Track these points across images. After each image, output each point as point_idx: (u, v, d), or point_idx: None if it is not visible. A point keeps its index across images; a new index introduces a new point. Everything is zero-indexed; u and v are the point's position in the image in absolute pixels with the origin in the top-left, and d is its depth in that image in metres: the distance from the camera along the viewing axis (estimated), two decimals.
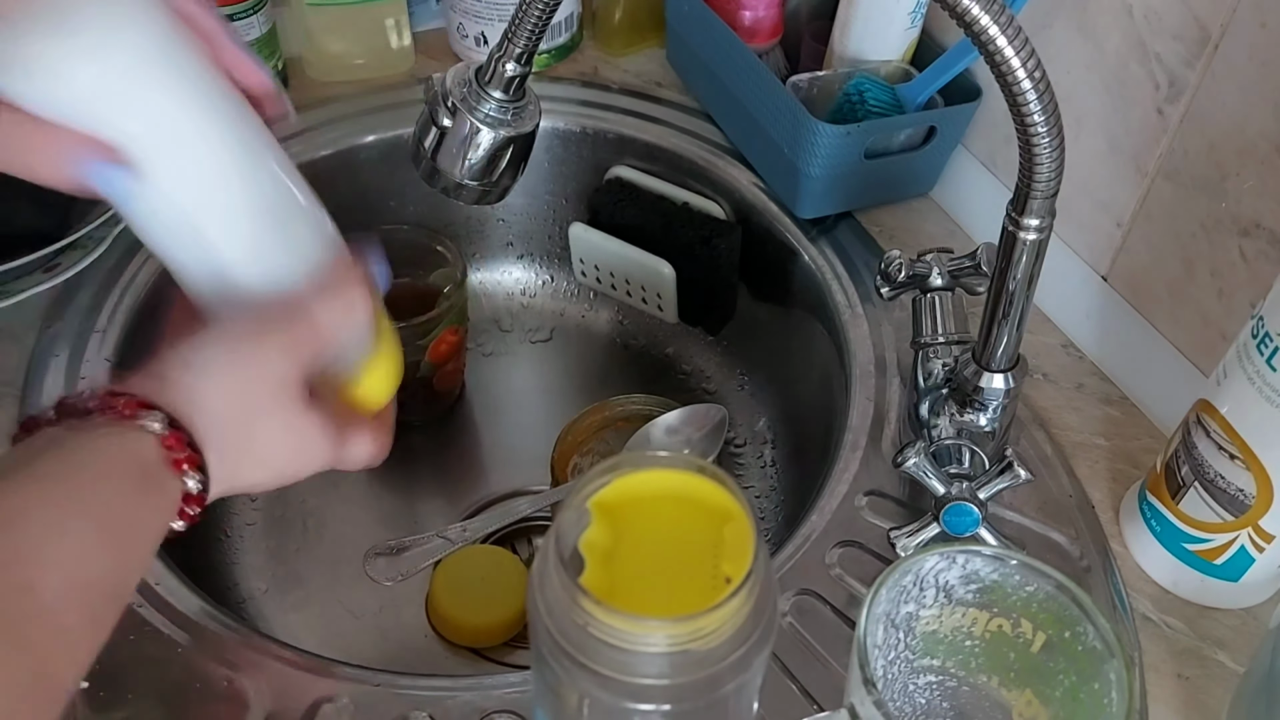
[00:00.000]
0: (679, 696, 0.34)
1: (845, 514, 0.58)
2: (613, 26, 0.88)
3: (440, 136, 0.55)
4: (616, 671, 0.34)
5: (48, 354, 0.64)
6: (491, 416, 0.83)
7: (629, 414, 0.75)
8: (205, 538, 0.71)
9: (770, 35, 0.79)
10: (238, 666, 0.51)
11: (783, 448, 0.77)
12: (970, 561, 0.40)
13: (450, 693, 0.50)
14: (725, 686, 0.34)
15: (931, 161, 0.75)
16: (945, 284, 0.62)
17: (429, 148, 0.56)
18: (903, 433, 0.62)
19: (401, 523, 0.75)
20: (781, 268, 0.75)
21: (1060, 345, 0.68)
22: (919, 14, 0.72)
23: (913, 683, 0.43)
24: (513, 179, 0.58)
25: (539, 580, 0.35)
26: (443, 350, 0.75)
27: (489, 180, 0.57)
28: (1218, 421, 0.51)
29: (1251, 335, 0.48)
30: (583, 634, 0.33)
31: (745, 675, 0.35)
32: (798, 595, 0.55)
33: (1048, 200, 0.48)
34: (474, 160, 0.55)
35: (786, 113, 0.70)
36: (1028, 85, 0.43)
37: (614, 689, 0.34)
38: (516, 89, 0.55)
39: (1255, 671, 0.47)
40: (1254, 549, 0.52)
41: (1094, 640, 0.38)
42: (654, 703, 0.34)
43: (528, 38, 0.52)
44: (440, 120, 0.55)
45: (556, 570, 0.34)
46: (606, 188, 0.81)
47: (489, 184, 0.57)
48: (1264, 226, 0.55)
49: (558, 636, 0.34)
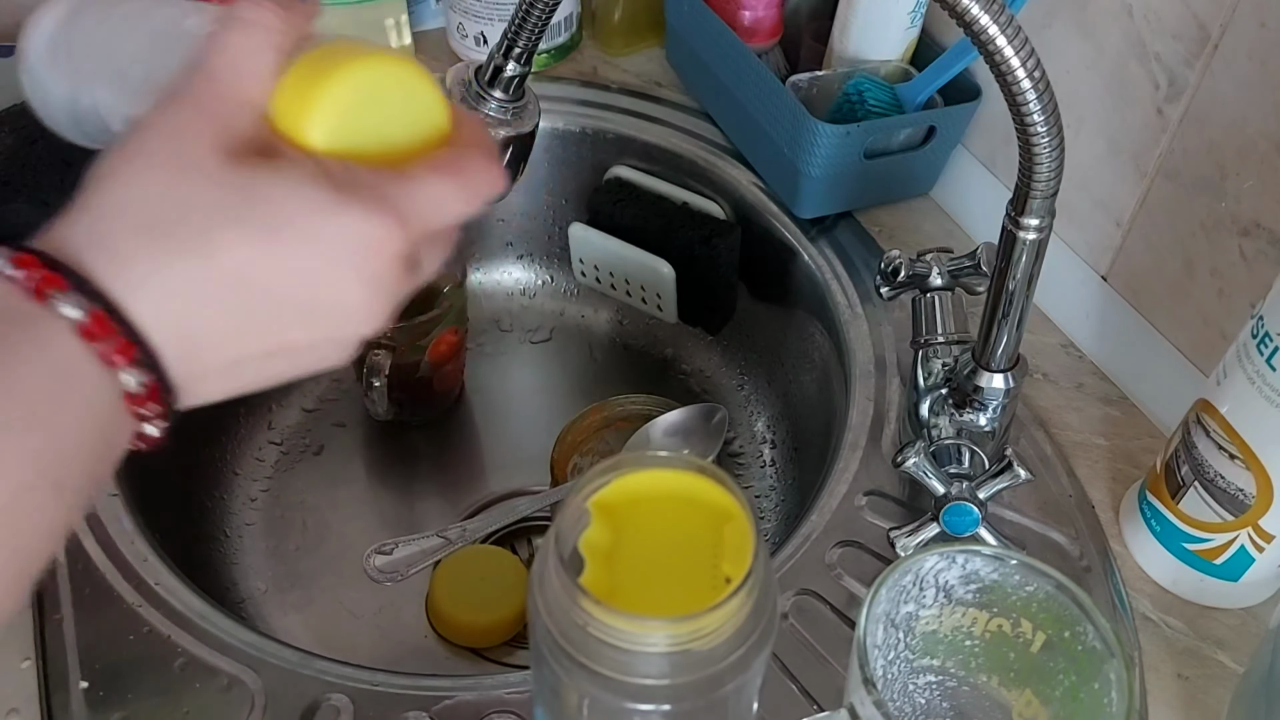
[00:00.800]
0: (679, 696, 0.34)
1: (845, 514, 0.58)
2: (612, 26, 0.88)
3: None
4: (617, 672, 0.34)
5: None
6: (491, 416, 0.83)
7: (629, 414, 0.75)
8: (205, 538, 0.71)
9: (770, 35, 0.79)
10: (237, 666, 0.51)
11: (783, 448, 0.77)
12: (970, 561, 0.40)
13: (450, 693, 0.50)
14: (725, 687, 0.34)
15: (931, 161, 0.75)
16: (945, 284, 0.62)
17: None
18: (902, 432, 0.62)
19: (401, 523, 0.75)
20: (781, 268, 0.75)
21: (1060, 345, 0.68)
22: (918, 14, 0.72)
23: (912, 682, 0.43)
24: (512, 179, 0.58)
25: (539, 580, 0.35)
26: (442, 350, 0.75)
27: None
28: (1218, 421, 0.51)
29: (1251, 335, 0.48)
30: (583, 634, 0.33)
31: (745, 675, 0.35)
32: (798, 595, 0.55)
33: (1047, 200, 0.48)
34: None
35: (786, 112, 0.70)
36: (1027, 85, 0.43)
37: (614, 689, 0.34)
38: (516, 89, 0.55)
39: (1255, 671, 0.47)
40: (1254, 549, 0.52)
41: (1094, 640, 0.38)
42: (654, 703, 0.34)
43: (528, 37, 0.52)
44: None
45: (556, 571, 0.34)
46: (606, 188, 0.81)
47: None
48: (1264, 226, 0.55)
49: (558, 636, 0.34)
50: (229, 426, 0.77)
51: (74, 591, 0.53)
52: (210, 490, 0.73)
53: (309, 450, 0.78)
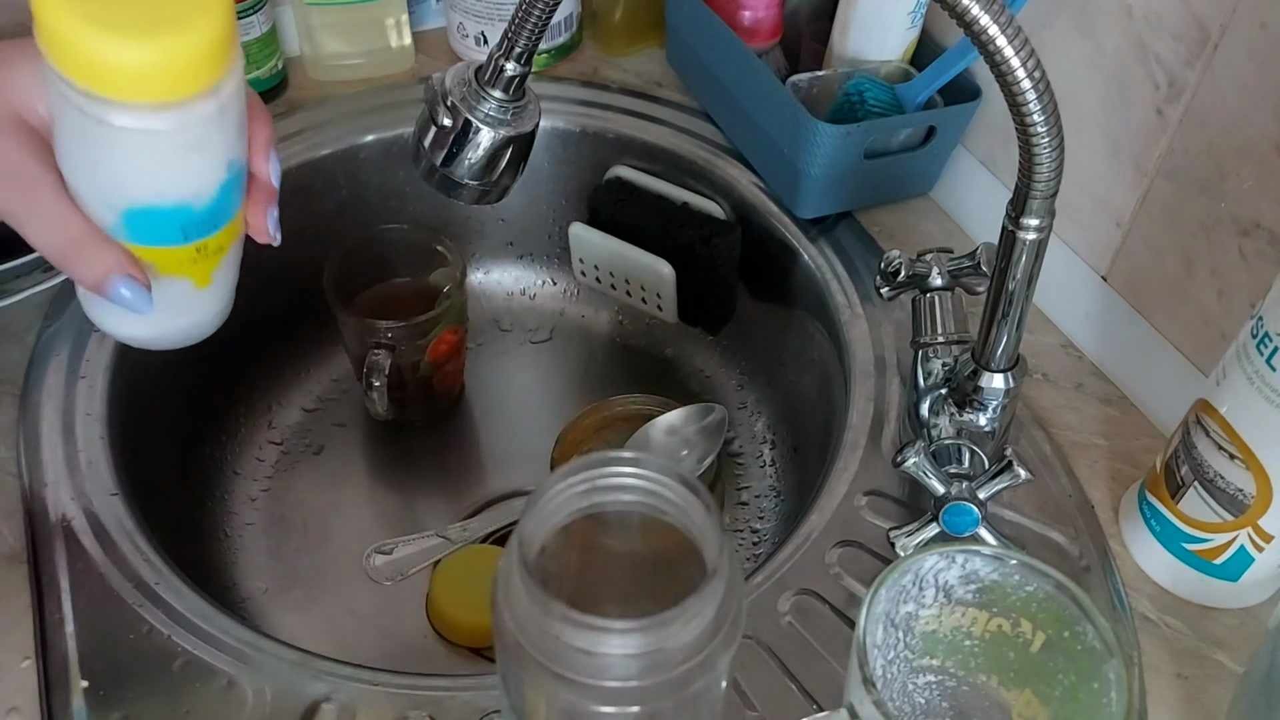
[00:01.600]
0: (646, 698, 0.34)
1: (845, 514, 0.58)
2: (612, 26, 0.88)
3: (440, 136, 0.55)
4: (581, 675, 0.33)
5: (48, 352, 0.64)
6: (491, 416, 0.83)
7: (629, 414, 0.75)
8: (205, 537, 0.71)
9: (770, 35, 0.79)
10: (238, 666, 0.51)
11: (782, 448, 0.77)
12: (970, 561, 0.40)
13: (450, 693, 0.50)
14: (693, 686, 0.34)
15: (931, 161, 0.75)
16: (945, 284, 0.62)
17: (429, 147, 0.56)
18: (902, 432, 0.62)
19: (401, 523, 0.75)
20: (781, 268, 0.75)
21: (1060, 345, 0.68)
22: (918, 14, 0.72)
23: (912, 682, 0.43)
24: (513, 179, 0.58)
25: (503, 586, 0.35)
26: (442, 350, 0.75)
27: (489, 180, 0.57)
28: (1217, 421, 0.51)
29: (1251, 335, 0.48)
30: (550, 639, 0.33)
31: (712, 675, 0.35)
32: (797, 595, 0.55)
33: (1047, 200, 0.48)
34: (474, 160, 0.55)
35: (786, 113, 0.70)
36: (1027, 85, 0.43)
37: (580, 692, 0.34)
38: (516, 88, 0.55)
39: (1255, 671, 0.47)
40: (1253, 549, 0.52)
41: (1093, 640, 0.38)
42: (621, 705, 0.34)
43: (528, 37, 0.52)
44: (440, 120, 0.55)
45: (521, 578, 0.33)
46: (606, 187, 0.81)
47: (489, 183, 0.57)
48: (1263, 226, 0.55)
49: (523, 642, 0.34)
50: (229, 426, 0.77)
51: (74, 591, 0.53)
52: (210, 490, 0.73)
53: (309, 450, 0.78)
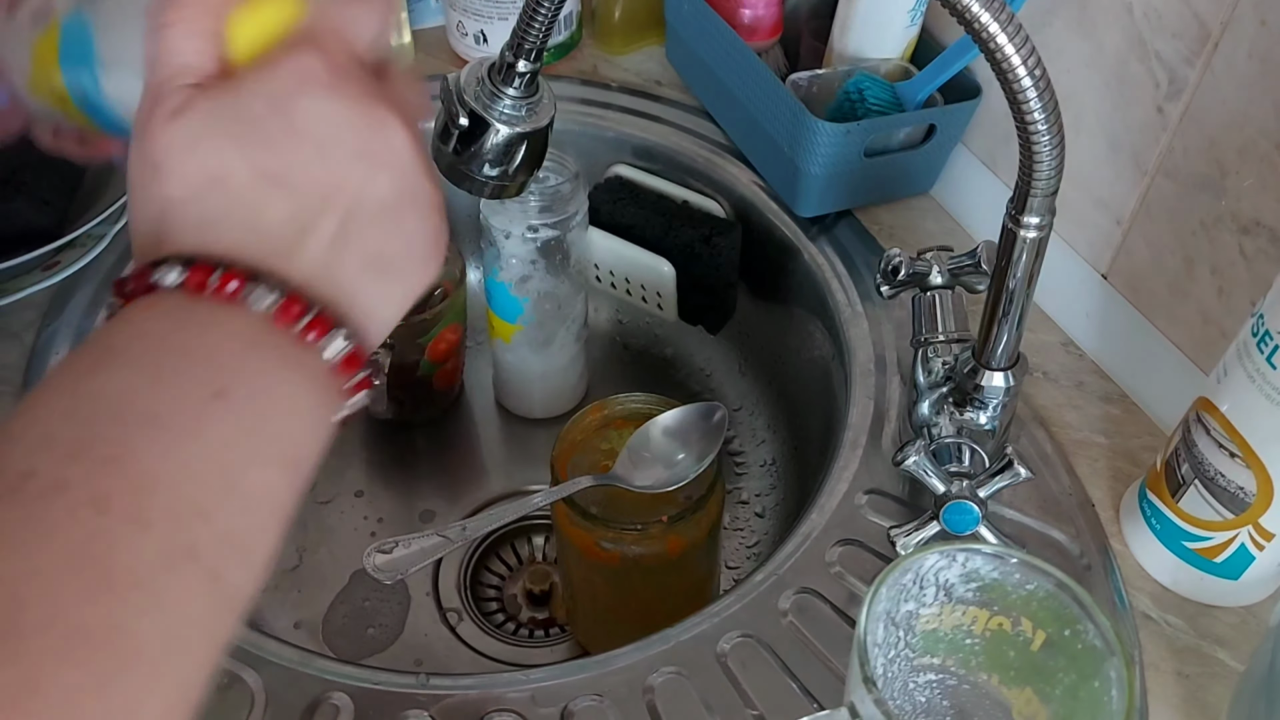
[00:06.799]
0: None
1: (845, 512, 0.58)
2: (612, 25, 0.88)
3: (456, 133, 0.56)
4: None
5: (47, 352, 0.64)
6: (491, 416, 0.83)
7: (629, 413, 0.75)
8: None
9: (770, 33, 0.79)
10: (238, 666, 0.51)
11: (783, 447, 0.77)
12: (970, 560, 0.40)
13: (450, 692, 0.50)
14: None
15: (931, 160, 0.75)
16: (945, 282, 0.62)
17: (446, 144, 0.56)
18: (903, 431, 0.62)
19: (401, 522, 0.75)
20: (781, 266, 0.75)
21: (1060, 343, 0.68)
22: (918, 12, 0.72)
23: (913, 681, 0.43)
24: (529, 174, 0.58)
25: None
26: (441, 349, 0.75)
27: (506, 175, 0.57)
28: (1218, 419, 0.51)
29: (1251, 333, 0.48)
30: None
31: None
32: (798, 593, 0.55)
33: (1048, 198, 0.48)
34: (491, 156, 0.56)
35: (786, 111, 0.70)
36: (1028, 83, 0.43)
37: None
38: (529, 85, 0.55)
39: (1255, 669, 0.47)
40: (1254, 547, 0.52)
41: (1094, 638, 0.38)
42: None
43: (535, 35, 0.53)
44: (456, 117, 0.55)
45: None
46: (606, 186, 0.81)
47: (506, 179, 0.57)
48: (1264, 224, 0.55)
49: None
50: None
51: None
52: None
53: None
